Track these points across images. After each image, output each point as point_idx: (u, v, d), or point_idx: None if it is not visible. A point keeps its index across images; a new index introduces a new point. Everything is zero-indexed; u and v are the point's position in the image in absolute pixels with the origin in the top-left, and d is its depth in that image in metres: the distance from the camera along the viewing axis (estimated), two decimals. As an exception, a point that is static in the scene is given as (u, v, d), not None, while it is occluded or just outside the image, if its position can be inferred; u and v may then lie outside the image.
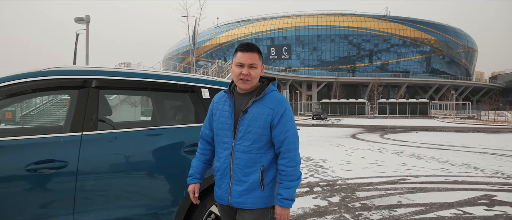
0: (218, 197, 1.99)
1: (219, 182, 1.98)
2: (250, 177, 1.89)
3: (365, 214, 4.30)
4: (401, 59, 73.29)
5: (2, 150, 2.14)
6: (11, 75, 2.29)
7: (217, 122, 1.99)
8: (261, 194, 1.90)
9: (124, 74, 2.64)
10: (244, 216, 1.91)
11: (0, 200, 2.08)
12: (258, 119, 1.88)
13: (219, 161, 1.98)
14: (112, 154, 2.37)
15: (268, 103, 1.90)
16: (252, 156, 1.89)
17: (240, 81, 1.90)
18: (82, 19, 12.50)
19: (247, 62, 1.88)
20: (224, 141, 1.95)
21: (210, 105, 2.09)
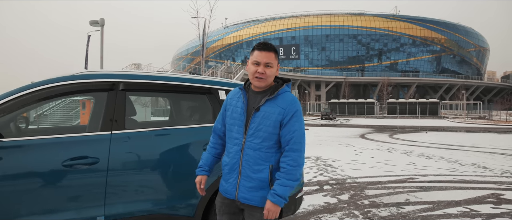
0: (225, 191, 2.03)
1: (227, 177, 2.02)
2: (258, 174, 1.93)
3: (374, 211, 4.44)
4: (410, 59, 72.73)
5: (42, 148, 2.36)
6: (48, 79, 2.51)
7: (229, 117, 2.04)
8: (268, 192, 1.92)
9: (148, 77, 2.84)
10: (255, 215, 1.95)
11: (40, 192, 2.29)
12: (269, 117, 1.92)
13: (228, 156, 2.03)
14: (138, 152, 2.57)
15: (280, 103, 1.94)
16: (262, 154, 1.93)
17: (255, 79, 1.95)
18: (96, 21, 12.86)
19: (263, 61, 1.93)
20: (235, 136, 2.00)
21: (224, 101, 2.17)
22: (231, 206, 2.04)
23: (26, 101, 2.43)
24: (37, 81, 2.54)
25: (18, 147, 2.32)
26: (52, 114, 28.22)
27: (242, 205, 1.99)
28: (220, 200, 2.07)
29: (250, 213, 1.97)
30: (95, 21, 12.82)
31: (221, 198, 2.07)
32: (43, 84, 2.48)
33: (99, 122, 2.59)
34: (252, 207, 1.95)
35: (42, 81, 2.51)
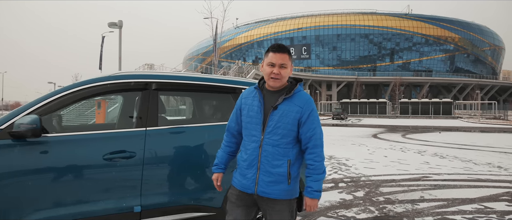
0: (243, 186, 2.09)
1: (245, 172, 2.09)
2: (277, 169, 2.02)
3: (389, 207, 4.57)
4: (423, 58, 71.87)
5: (84, 142, 2.57)
6: (89, 80, 2.73)
7: (246, 116, 2.12)
8: (287, 187, 2.03)
9: (178, 77, 3.04)
10: (275, 207, 2.05)
11: (83, 183, 2.50)
12: (288, 115, 2.01)
13: (246, 152, 2.10)
14: (170, 147, 2.77)
15: (297, 102, 2.04)
16: (281, 150, 2.02)
17: (271, 79, 2.05)
18: (115, 23, 13.22)
19: (278, 62, 2.03)
20: (253, 134, 2.07)
21: (238, 100, 2.23)
22: (247, 199, 2.12)
23: (69, 100, 2.65)
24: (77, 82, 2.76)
25: (62, 142, 2.53)
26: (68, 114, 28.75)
27: (260, 198, 2.08)
28: (235, 193, 2.14)
29: (270, 206, 2.07)
30: (113, 23, 13.19)
31: (236, 191, 2.14)
32: (84, 84, 2.69)
33: (134, 119, 2.80)
34: (272, 200, 2.05)
35: (83, 81, 2.72)
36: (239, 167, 2.16)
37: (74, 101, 2.69)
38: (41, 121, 2.35)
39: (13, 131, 2.32)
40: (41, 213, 2.38)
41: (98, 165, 2.53)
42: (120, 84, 2.82)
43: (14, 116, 2.43)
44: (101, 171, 2.55)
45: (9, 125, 2.38)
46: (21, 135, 2.32)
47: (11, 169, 2.33)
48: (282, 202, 2.06)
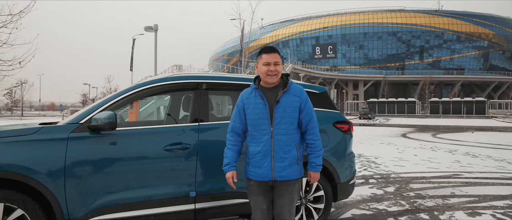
0: (259, 176, 2.38)
1: (260, 163, 2.36)
2: (289, 153, 2.36)
3: (420, 201, 4.73)
4: (455, 56, 69.47)
5: (147, 135, 2.96)
6: (150, 80, 3.13)
7: (251, 113, 2.40)
8: (297, 167, 2.40)
9: (224, 78, 3.39)
10: (287, 188, 2.38)
11: (147, 170, 2.88)
12: (290, 105, 2.37)
13: (259, 145, 2.37)
14: (219, 140, 3.10)
15: (294, 92, 2.42)
16: (289, 137, 2.37)
17: (268, 76, 2.38)
18: (150, 27, 13.91)
19: (272, 60, 2.38)
20: (262, 128, 2.36)
21: (238, 101, 2.49)
22: (264, 187, 2.43)
23: (135, 98, 3.05)
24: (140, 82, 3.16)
25: (129, 135, 2.93)
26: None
27: (276, 182, 2.39)
28: (254, 184, 2.43)
29: (284, 188, 2.40)
30: (149, 27, 13.89)
31: (254, 182, 2.43)
32: (147, 84, 3.08)
33: (188, 116, 3.16)
34: (288, 182, 2.39)
35: (146, 81, 3.12)
36: (252, 160, 2.43)
37: (138, 99, 3.09)
38: (116, 116, 2.75)
39: (92, 125, 2.73)
40: (112, 196, 2.77)
41: (160, 155, 2.91)
42: (177, 84, 3.19)
43: (91, 112, 2.84)
44: (162, 160, 2.92)
45: (88, 120, 2.79)
46: (99, 128, 2.72)
47: (88, 158, 2.73)
48: (295, 181, 2.43)
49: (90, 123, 2.75)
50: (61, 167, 2.62)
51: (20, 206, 2.54)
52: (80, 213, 2.67)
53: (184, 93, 3.52)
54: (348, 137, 3.80)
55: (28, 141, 2.63)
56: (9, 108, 75.11)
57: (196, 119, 3.10)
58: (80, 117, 2.82)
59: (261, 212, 2.45)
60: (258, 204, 2.46)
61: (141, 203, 2.84)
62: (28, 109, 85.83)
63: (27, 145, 2.61)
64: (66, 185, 2.63)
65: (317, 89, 3.86)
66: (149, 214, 2.85)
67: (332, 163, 3.55)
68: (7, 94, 55.17)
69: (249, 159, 2.46)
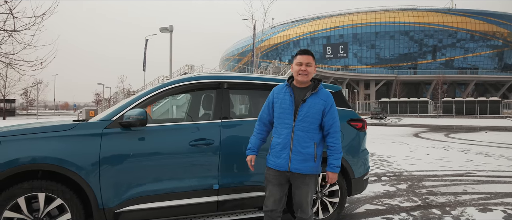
0: (277, 165, 2.63)
1: (279, 154, 2.62)
2: (306, 149, 2.58)
3: (432, 198, 4.84)
4: (468, 55, 68.41)
5: (173, 131, 3.17)
6: (175, 80, 3.33)
7: (279, 107, 2.65)
8: (313, 164, 2.61)
9: (244, 78, 3.58)
10: (303, 181, 2.62)
11: (173, 164, 3.09)
12: (315, 107, 2.59)
13: (280, 137, 2.63)
14: (240, 136, 3.29)
15: (321, 96, 2.63)
16: (309, 134, 2.59)
17: (299, 75, 2.63)
18: (166, 28, 14.21)
19: (305, 61, 2.64)
20: (285, 122, 2.61)
21: (270, 95, 2.76)
22: (280, 177, 2.66)
23: (161, 97, 3.26)
24: (166, 82, 3.36)
25: (157, 131, 3.13)
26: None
27: (292, 174, 2.62)
28: (272, 173, 2.68)
29: (300, 181, 2.62)
30: (164, 28, 14.20)
31: (272, 171, 2.68)
32: (173, 84, 3.29)
33: (211, 113, 3.36)
34: (303, 175, 2.61)
35: (171, 81, 3.33)
36: (272, 150, 2.69)
37: (163, 97, 3.30)
38: (146, 113, 2.97)
39: (124, 121, 2.94)
40: (142, 187, 2.98)
41: (185, 150, 3.11)
42: (200, 84, 3.40)
43: (122, 110, 3.06)
44: (188, 155, 3.12)
45: (119, 116, 3.01)
46: (131, 124, 2.94)
47: (120, 152, 2.95)
48: (310, 176, 2.64)
49: (121, 120, 2.97)
50: (96, 160, 2.85)
51: (59, 196, 2.77)
52: (113, 203, 2.89)
53: (205, 92, 3.71)
54: (362, 135, 3.95)
55: (66, 136, 2.86)
56: (24, 108, 76.82)
57: (218, 116, 3.30)
58: (112, 114, 3.04)
59: (273, 201, 2.69)
60: (272, 193, 2.70)
61: (168, 195, 3.04)
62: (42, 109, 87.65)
63: (65, 140, 2.84)
64: (101, 177, 2.85)
65: (332, 88, 4.02)
66: (175, 205, 3.06)
67: (346, 159, 3.70)
68: (23, 94, 56.49)
69: (271, 149, 2.72)
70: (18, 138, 2.77)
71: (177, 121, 4.35)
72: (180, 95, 12.08)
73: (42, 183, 2.74)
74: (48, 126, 2.98)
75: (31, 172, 2.79)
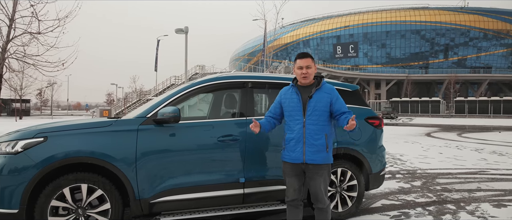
0: (293, 158, 2.86)
1: (293, 148, 2.85)
2: (318, 141, 2.81)
3: (446, 194, 4.97)
4: (481, 54, 67.40)
5: (203, 128, 3.38)
6: (203, 80, 3.55)
7: (287, 106, 2.91)
8: (326, 154, 2.83)
9: (267, 77, 3.78)
10: (317, 171, 2.83)
11: (203, 158, 3.30)
12: (321, 101, 2.84)
13: (293, 133, 2.86)
14: (262, 132, 3.48)
15: (325, 90, 2.89)
16: (319, 127, 2.83)
17: (302, 78, 2.90)
18: (181, 30, 14.52)
19: (305, 64, 2.88)
20: (296, 118, 2.85)
21: (278, 96, 3.02)
22: (296, 169, 2.89)
23: (190, 95, 3.48)
24: (194, 81, 3.58)
25: (187, 127, 3.35)
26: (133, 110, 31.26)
27: (308, 165, 2.83)
28: (288, 166, 2.92)
29: (314, 171, 2.84)
30: (180, 29, 14.51)
31: (288, 164, 2.91)
32: (200, 84, 3.50)
33: (237, 111, 3.57)
34: (317, 165, 2.83)
35: (199, 81, 3.54)
36: (287, 145, 2.92)
37: (192, 96, 3.52)
38: (180, 111, 3.18)
39: (158, 118, 3.17)
40: (174, 180, 3.20)
41: (214, 145, 3.32)
42: (226, 83, 3.61)
43: (155, 108, 3.28)
44: (216, 150, 3.33)
45: (153, 114, 3.23)
46: (165, 121, 3.16)
47: (154, 147, 3.17)
48: (323, 166, 2.86)
49: (155, 117, 3.19)
50: (133, 154, 3.07)
51: (100, 187, 3.00)
52: (148, 194, 3.12)
53: (226, 91, 3.89)
54: (378, 132, 4.11)
55: (106, 132, 3.09)
56: (37, 108, 78.33)
57: (243, 114, 3.50)
58: (147, 112, 3.27)
59: (293, 190, 2.93)
60: (291, 184, 2.94)
61: (198, 187, 3.26)
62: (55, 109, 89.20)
63: (105, 135, 3.07)
64: (137, 170, 3.07)
65: (350, 87, 4.19)
66: (205, 197, 3.28)
67: (364, 155, 3.88)
68: (38, 94, 57.64)
69: (285, 145, 2.96)
70: (63, 134, 3.02)
71: (197, 119, 4.57)
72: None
73: (85, 175, 2.98)
74: (89, 122, 3.22)
75: (75, 165, 3.02)
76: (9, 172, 2.85)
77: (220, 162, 3.36)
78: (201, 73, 37.45)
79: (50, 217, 2.88)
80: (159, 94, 35.73)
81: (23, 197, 2.83)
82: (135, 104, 35.43)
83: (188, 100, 3.62)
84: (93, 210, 2.99)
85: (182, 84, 22.25)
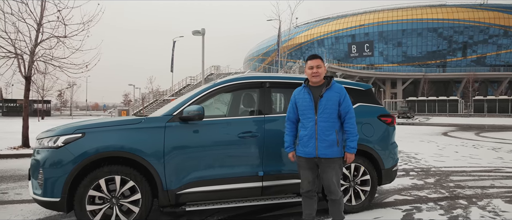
0: (306, 153, 3.09)
1: (307, 143, 3.09)
2: (329, 137, 3.04)
3: (459, 190, 5.08)
4: (502, 52, 65.74)
5: (225, 125, 3.64)
6: (224, 80, 3.80)
7: (301, 105, 3.15)
8: (337, 148, 3.06)
9: (282, 78, 4.00)
10: (330, 164, 3.06)
11: (224, 153, 3.55)
12: (331, 100, 3.07)
13: (306, 130, 3.10)
14: (279, 129, 3.71)
15: (335, 90, 3.11)
16: (330, 124, 3.06)
17: (312, 77, 3.12)
18: (198, 31, 14.89)
19: (315, 65, 3.12)
20: (309, 116, 3.09)
21: (292, 97, 3.25)
22: (310, 163, 3.13)
23: (212, 95, 3.73)
24: (216, 81, 3.84)
25: (209, 124, 3.60)
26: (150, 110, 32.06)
27: (320, 159, 3.06)
28: (302, 160, 3.16)
29: (326, 164, 3.07)
30: (197, 31, 14.89)
31: (302, 159, 3.15)
32: (222, 84, 3.76)
33: (255, 109, 3.80)
34: (329, 159, 3.06)
35: (221, 81, 3.80)
36: (301, 141, 3.16)
37: (214, 96, 3.77)
38: (203, 109, 3.44)
39: (184, 116, 3.43)
40: (198, 173, 3.46)
41: (235, 141, 3.57)
42: (246, 83, 3.85)
43: (180, 106, 3.54)
44: (237, 145, 3.58)
45: (179, 112, 3.49)
46: (190, 119, 3.42)
47: (180, 142, 3.44)
48: (335, 159, 3.07)
49: (181, 115, 3.46)
50: (161, 149, 3.35)
51: (132, 178, 3.29)
52: (175, 185, 3.39)
53: (245, 91, 4.12)
54: (391, 129, 4.28)
55: (136, 128, 3.38)
56: (57, 108, 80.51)
57: (261, 112, 3.74)
58: (173, 110, 3.54)
59: (307, 182, 3.19)
60: (305, 176, 3.20)
61: (220, 180, 3.51)
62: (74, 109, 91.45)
63: (136, 132, 3.36)
64: (165, 163, 3.35)
65: (363, 86, 4.37)
66: (226, 188, 3.52)
67: (377, 151, 4.05)
68: (58, 95, 59.30)
69: (299, 141, 3.21)
70: (99, 130, 3.32)
71: (215, 117, 4.83)
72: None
73: (118, 168, 3.27)
74: (121, 120, 3.52)
75: (109, 158, 3.32)
76: (52, 165, 3.17)
77: (240, 156, 3.60)
78: (216, 74, 37.92)
79: (88, 205, 3.18)
80: (175, 94, 36.33)
81: (64, 187, 3.13)
82: (152, 104, 36.14)
83: (209, 100, 3.86)
84: (125, 200, 3.28)
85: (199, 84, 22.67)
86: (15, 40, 8.98)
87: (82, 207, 3.15)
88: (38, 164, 3.28)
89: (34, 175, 3.35)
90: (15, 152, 8.72)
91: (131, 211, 3.29)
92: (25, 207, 4.23)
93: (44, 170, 3.18)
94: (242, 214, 3.97)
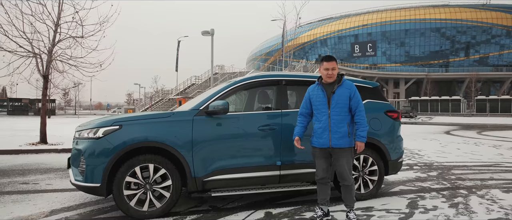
0: (320, 144, 3.46)
1: (321, 135, 3.45)
2: (341, 129, 3.41)
3: (460, 182, 5.43)
4: (504, 52, 65.78)
5: (246, 118, 4.00)
6: (244, 78, 4.16)
7: (315, 101, 3.52)
8: (348, 139, 3.42)
9: (297, 76, 4.36)
10: (342, 154, 3.43)
11: (246, 144, 3.90)
12: (343, 95, 3.43)
13: (320, 123, 3.47)
14: (295, 124, 4.06)
15: (346, 86, 3.47)
16: (342, 117, 3.42)
17: (327, 77, 3.49)
18: (207, 32, 15.28)
19: (330, 67, 3.48)
20: (322, 111, 3.47)
21: (306, 93, 3.62)
22: (324, 152, 3.50)
23: (233, 92, 4.09)
24: (236, 80, 4.19)
25: (231, 118, 3.95)
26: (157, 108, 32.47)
27: (334, 149, 3.43)
28: (317, 150, 3.54)
29: (339, 154, 3.44)
30: (206, 31, 15.29)
31: (317, 149, 3.53)
32: (242, 81, 4.12)
33: (273, 105, 4.16)
34: (341, 149, 3.43)
35: (241, 79, 4.16)
36: (315, 133, 3.53)
37: (235, 92, 4.13)
38: (228, 104, 3.80)
39: (209, 110, 3.79)
40: (222, 162, 3.82)
41: (255, 134, 3.93)
42: (264, 81, 4.21)
43: (206, 101, 3.90)
44: (257, 137, 3.93)
45: (205, 106, 3.85)
46: (215, 113, 3.78)
47: (206, 134, 3.79)
48: (346, 149, 3.45)
49: (207, 109, 3.82)
50: (189, 140, 3.71)
51: (163, 166, 3.65)
52: (202, 173, 3.75)
53: (262, 88, 4.47)
54: (397, 124, 4.63)
55: (168, 121, 3.74)
56: (61, 108, 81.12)
57: (278, 107, 4.09)
58: (199, 105, 3.90)
59: (322, 170, 3.56)
60: (320, 165, 3.57)
61: (242, 168, 3.87)
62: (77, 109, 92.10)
63: (167, 124, 3.72)
64: (193, 153, 3.71)
65: (371, 84, 4.73)
66: (247, 176, 3.88)
67: (384, 144, 4.41)
68: (64, 95, 59.83)
69: (314, 133, 3.60)
70: (134, 123, 3.69)
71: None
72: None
73: (152, 157, 3.63)
74: (153, 114, 3.88)
75: (143, 148, 3.68)
76: (92, 154, 3.54)
77: (260, 147, 3.95)
78: (221, 73, 38.30)
79: (125, 190, 3.54)
80: (180, 93, 36.75)
81: (104, 174, 3.50)
82: (158, 103, 36.61)
83: (231, 96, 4.21)
84: (158, 186, 3.64)
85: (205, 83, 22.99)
86: (32, 40, 9.37)
87: (120, 192, 3.51)
88: (79, 153, 3.64)
89: (75, 163, 3.72)
90: (34, 147, 9.12)
91: (163, 196, 3.65)
92: (59, 195, 4.61)
93: (85, 159, 3.55)
94: (261, 201, 4.32)
